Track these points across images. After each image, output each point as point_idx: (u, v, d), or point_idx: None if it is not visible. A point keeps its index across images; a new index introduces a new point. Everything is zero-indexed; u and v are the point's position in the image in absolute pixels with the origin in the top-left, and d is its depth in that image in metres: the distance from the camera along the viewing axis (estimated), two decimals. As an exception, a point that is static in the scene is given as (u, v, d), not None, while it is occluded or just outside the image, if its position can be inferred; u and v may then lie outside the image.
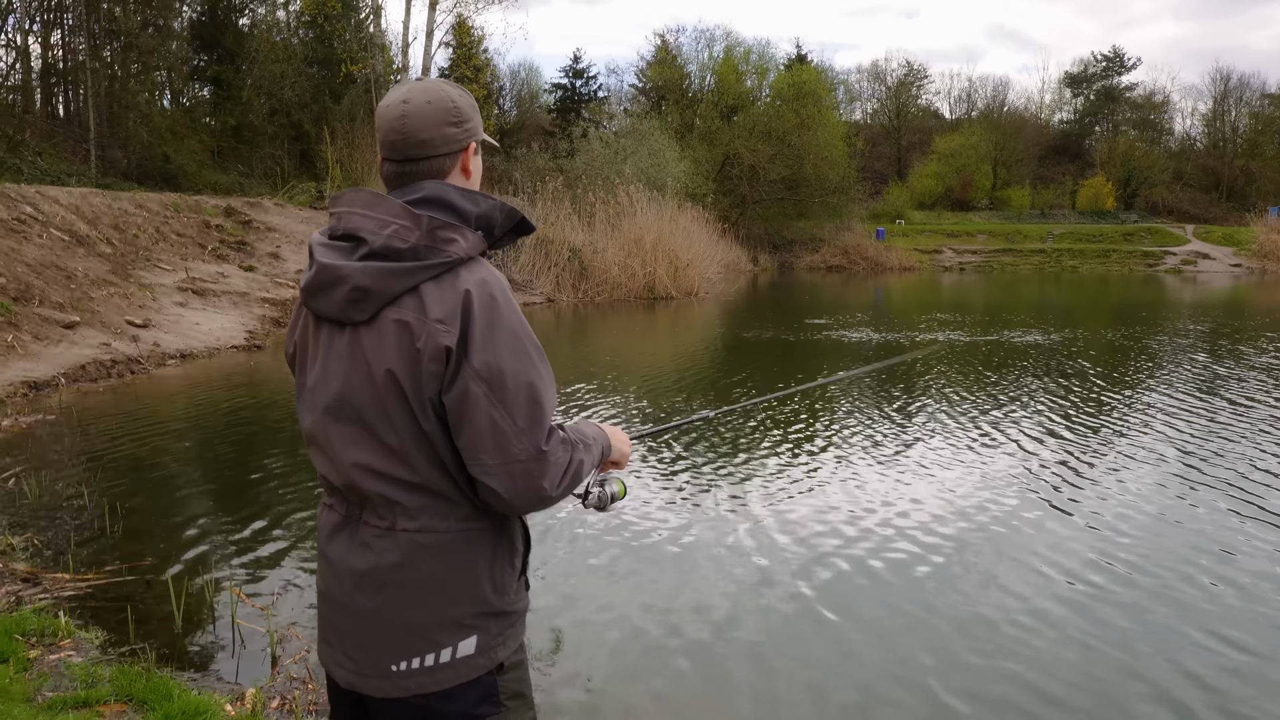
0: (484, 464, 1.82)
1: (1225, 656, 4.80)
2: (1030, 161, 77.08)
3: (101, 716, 4.02)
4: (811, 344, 18.53)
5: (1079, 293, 38.19)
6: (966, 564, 6.14)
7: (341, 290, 1.87)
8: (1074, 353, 16.51)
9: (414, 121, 1.94)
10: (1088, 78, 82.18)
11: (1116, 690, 4.48)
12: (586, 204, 30.36)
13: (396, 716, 1.93)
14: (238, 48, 37.40)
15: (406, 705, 1.91)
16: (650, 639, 5.06)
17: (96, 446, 9.25)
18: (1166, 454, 8.96)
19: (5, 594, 5.40)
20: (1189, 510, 7.25)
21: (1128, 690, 4.48)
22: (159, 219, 22.17)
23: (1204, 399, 11.79)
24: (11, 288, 14.16)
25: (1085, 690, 4.47)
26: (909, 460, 8.84)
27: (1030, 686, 4.50)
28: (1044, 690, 4.46)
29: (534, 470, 1.82)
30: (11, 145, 26.15)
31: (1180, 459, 8.76)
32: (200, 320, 17.07)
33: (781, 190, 56.62)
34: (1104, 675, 4.61)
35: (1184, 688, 4.48)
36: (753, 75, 62.83)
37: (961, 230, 66.79)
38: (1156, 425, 10.25)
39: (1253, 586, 5.69)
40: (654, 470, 8.54)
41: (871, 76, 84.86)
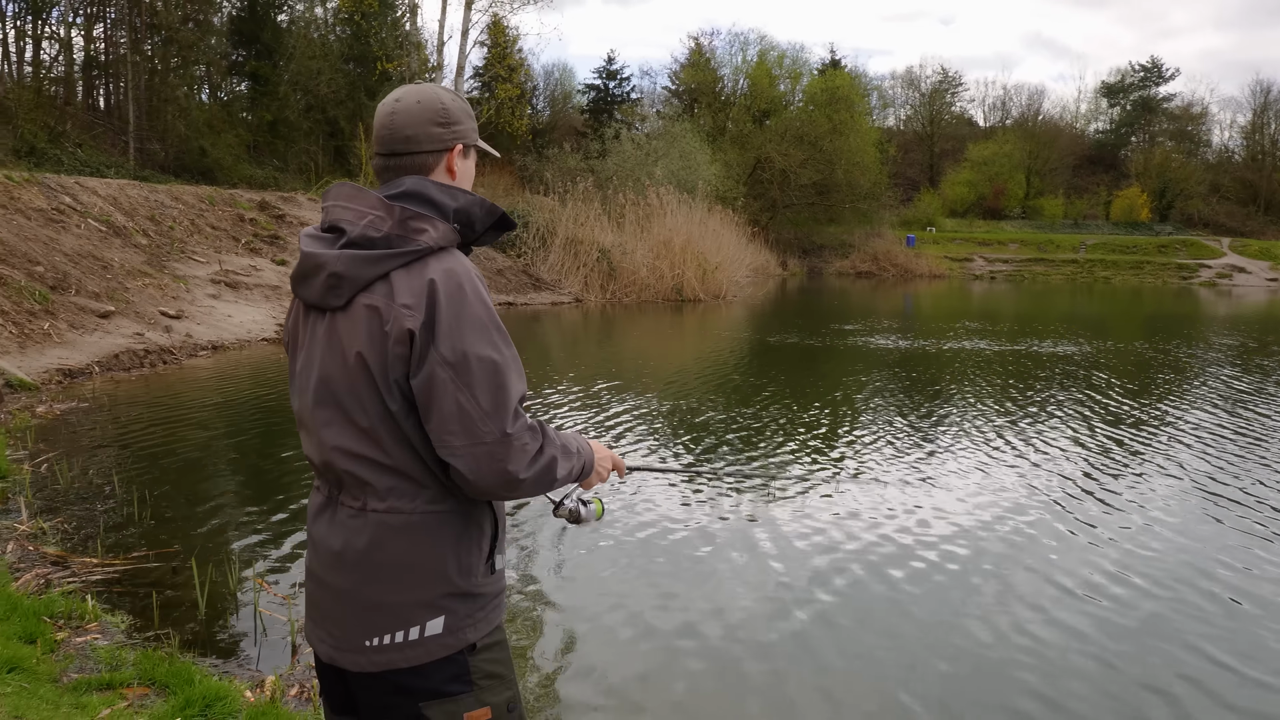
0: (451, 446, 1.88)
1: (1242, 675, 4.78)
2: (1064, 171, 76.52)
3: (124, 699, 4.10)
4: (836, 350, 18.50)
5: (1111, 304, 37.87)
6: (985, 574, 6.14)
7: (320, 277, 1.97)
8: (1103, 365, 16.40)
9: (401, 118, 2.05)
10: (1125, 88, 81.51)
11: (1133, 706, 4.47)
12: (616, 205, 30.45)
13: (372, 690, 2.00)
14: (275, 44, 37.78)
15: (381, 680, 1.97)
16: (664, 640, 5.10)
17: (128, 434, 9.41)
18: (1193, 469, 8.89)
19: (35, 577, 5.51)
20: (1213, 526, 7.21)
21: (1144, 705, 4.47)
22: (194, 211, 22.44)
23: (1233, 415, 11.69)
24: (49, 276, 14.40)
25: (1101, 706, 4.47)
26: (930, 469, 8.83)
27: (1046, 700, 4.51)
28: (1060, 704, 4.47)
29: (498, 453, 1.88)
30: (53, 136, 26.55)
31: (1206, 475, 8.69)
32: (232, 312, 17.27)
33: (812, 195, 56.50)
34: (1120, 691, 4.59)
35: (1204, 706, 4.47)
36: (786, 80, 62.81)
37: (993, 239, 66.42)
38: (1184, 440, 10.18)
39: (1276, 603, 5.67)
40: (674, 474, 8.58)
41: (906, 83, 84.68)
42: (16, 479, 7.39)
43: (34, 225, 16.17)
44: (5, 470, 7.58)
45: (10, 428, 9.14)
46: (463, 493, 1.98)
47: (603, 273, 28.49)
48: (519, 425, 1.91)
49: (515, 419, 1.91)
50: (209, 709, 4.02)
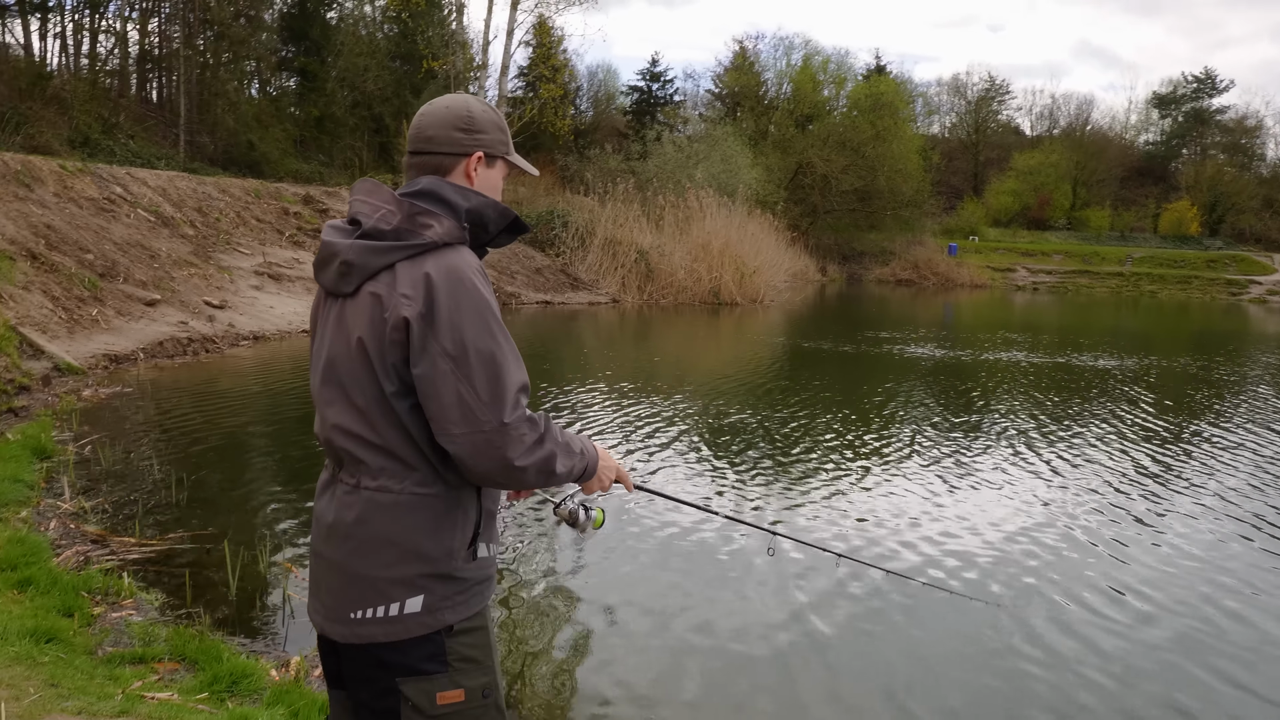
0: (451, 434, 1.98)
1: (1268, 702, 4.78)
2: (1112, 182, 75.43)
3: (155, 673, 4.25)
4: (872, 357, 18.46)
5: (1156, 319, 37.36)
6: (1009, 587, 6.13)
7: (334, 265, 2.11)
8: (1145, 380, 16.23)
9: (427, 120, 2.19)
10: (1177, 99, 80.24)
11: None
12: (656, 207, 30.53)
13: (356, 662, 2.10)
14: (324, 40, 38.20)
15: (364, 652, 2.07)
16: (679, 639, 5.18)
17: (168, 420, 9.64)
18: (1229, 489, 8.73)
19: (75, 553, 5.70)
20: (1244, 547, 7.15)
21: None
22: (240, 204, 22.82)
23: (1275, 435, 11.55)
24: (99, 264, 14.74)
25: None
26: (959, 479, 8.82)
27: (1062, 716, 4.54)
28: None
29: (496, 441, 1.97)
30: (106, 127, 27.04)
31: (1242, 495, 8.53)
32: (274, 304, 17.57)
33: (853, 201, 56.21)
34: (1136, 711, 4.62)
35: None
36: (830, 85, 62.53)
37: (1037, 249, 65.68)
38: (1222, 460, 9.98)
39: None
40: (705, 475, 8.66)
41: (952, 90, 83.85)
42: (61, 459, 7.63)
43: (85, 214, 16.55)
44: (51, 451, 7.82)
45: (57, 410, 9.40)
46: (454, 479, 2.07)
47: (640, 274, 28.60)
48: (517, 415, 2.00)
49: (514, 409, 2.00)
50: (235, 685, 4.16)
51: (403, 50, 40.49)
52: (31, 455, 7.53)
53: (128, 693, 3.92)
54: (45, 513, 6.39)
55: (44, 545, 5.61)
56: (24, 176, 16.08)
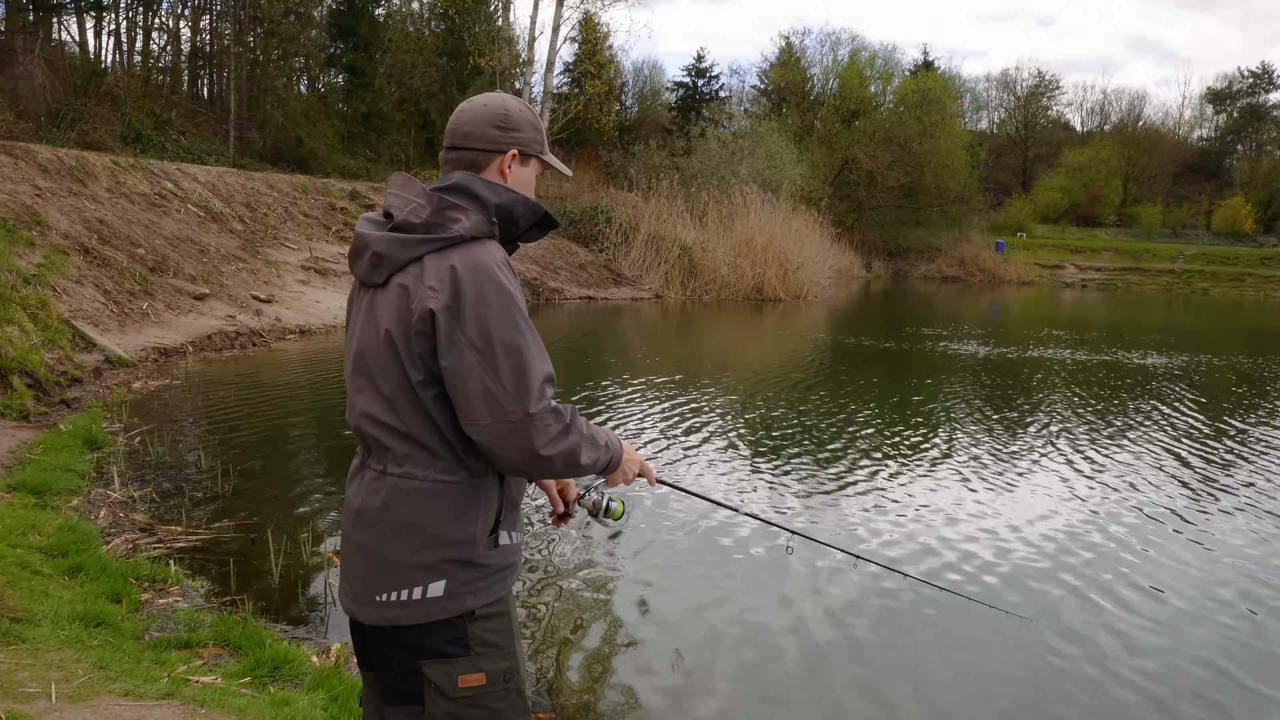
0: (478, 424, 2.02)
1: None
2: (1164, 179, 74.17)
3: (200, 657, 4.35)
4: (915, 355, 18.32)
5: (1208, 317, 36.70)
6: (1050, 587, 6.09)
7: (366, 256, 2.17)
8: (1194, 380, 15.95)
9: (464, 116, 2.25)
10: (1232, 94, 78.65)
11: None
12: (700, 203, 30.50)
13: (381, 644, 2.16)
14: (372, 37, 38.56)
15: (388, 634, 2.13)
16: (711, 631, 5.20)
17: (216, 412, 9.81)
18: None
19: (124, 541, 5.83)
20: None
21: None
22: (288, 199, 23.12)
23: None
24: (150, 259, 15.01)
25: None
26: (1000, 479, 8.74)
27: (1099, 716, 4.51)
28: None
29: (521, 431, 2.01)
30: (158, 124, 27.51)
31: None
32: (320, 298, 17.79)
33: (899, 197, 55.79)
34: (1180, 710, 4.58)
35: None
36: (877, 80, 62.03)
37: (1086, 246, 64.74)
38: (1274, 462, 9.89)
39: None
40: (736, 471, 8.66)
41: (1000, 85, 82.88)
42: (111, 450, 7.79)
43: (137, 209, 16.87)
44: (101, 441, 8.00)
45: (107, 402, 9.60)
46: (478, 467, 2.12)
47: (684, 270, 28.60)
48: (542, 406, 2.03)
49: (539, 399, 2.03)
50: (277, 670, 4.24)
51: (449, 46, 40.74)
52: (83, 446, 7.70)
53: (173, 676, 4.01)
54: (95, 502, 6.54)
55: (94, 533, 5.75)
56: (78, 172, 16.42)
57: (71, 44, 30.74)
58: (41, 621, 4.29)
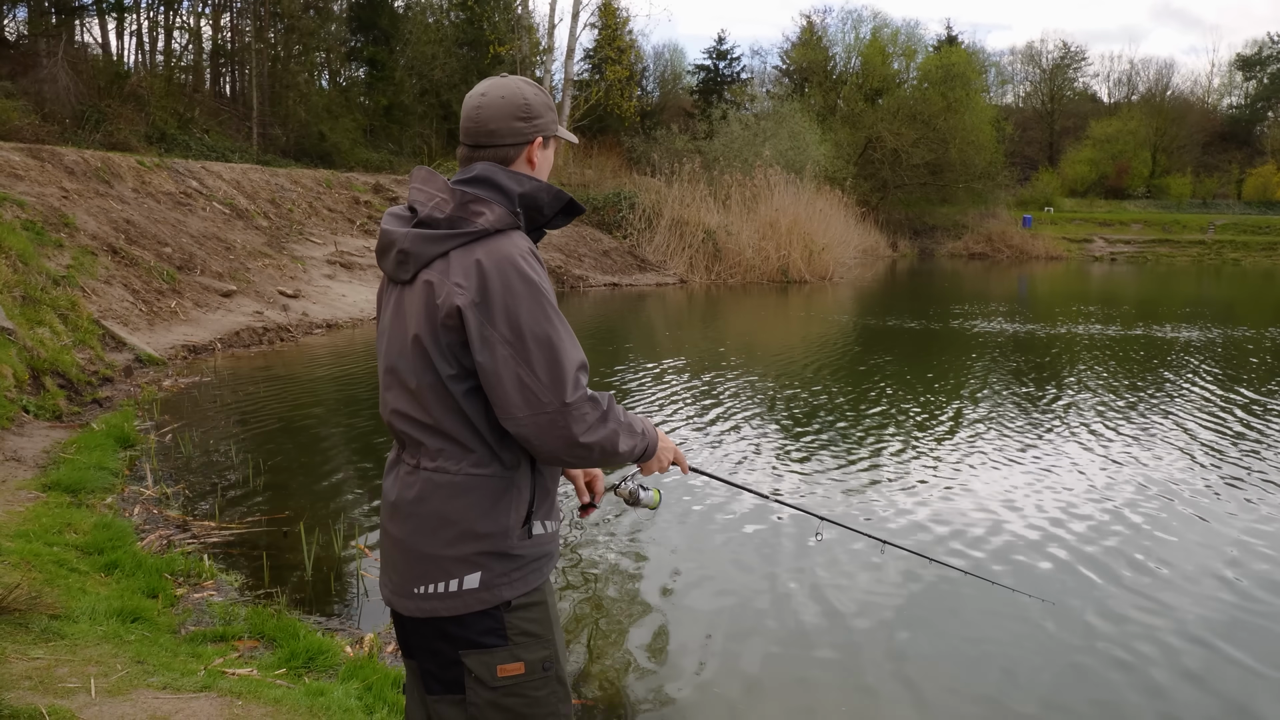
0: (515, 418, 2.03)
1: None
2: (1193, 148, 73.18)
3: (236, 650, 4.40)
4: (943, 334, 18.20)
5: (1240, 287, 36.23)
6: (1085, 571, 6.04)
7: (392, 253, 2.17)
8: (1227, 354, 15.77)
9: (486, 112, 2.20)
10: (1262, 60, 77.38)
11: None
12: (723, 186, 30.38)
13: (421, 634, 2.18)
14: (393, 29, 38.64)
15: (427, 625, 2.15)
16: (744, 619, 5.20)
17: (245, 407, 9.89)
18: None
19: (158, 537, 5.90)
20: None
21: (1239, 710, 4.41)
22: (312, 194, 23.24)
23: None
24: (177, 257, 15.14)
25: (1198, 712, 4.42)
26: (1032, 461, 8.66)
27: (1135, 704, 4.47)
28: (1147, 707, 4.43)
29: (559, 421, 2.02)
30: (182, 123, 27.74)
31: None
32: (346, 292, 17.89)
33: (924, 175, 55.35)
34: (1224, 695, 4.53)
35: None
36: (900, 57, 61.57)
37: (1114, 219, 64.08)
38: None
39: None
40: (765, 456, 8.64)
41: (1025, 58, 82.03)
42: (143, 448, 7.88)
43: (163, 208, 17.01)
44: (134, 439, 8.08)
45: (138, 400, 9.70)
46: (510, 459, 2.12)
47: (708, 254, 28.53)
48: (578, 395, 2.04)
49: (575, 389, 2.03)
50: (312, 661, 4.28)
51: (469, 37, 40.76)
52: (115, 444, 7.78)
53: (209, 669, 4.05)
54: (129, 499, 6.61)
55: (129, 530, 5.82)
56: (104, 173, 16.57)
57: (94, 46, 31.07)
58: (79, 618, 4.34)
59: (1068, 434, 9.45)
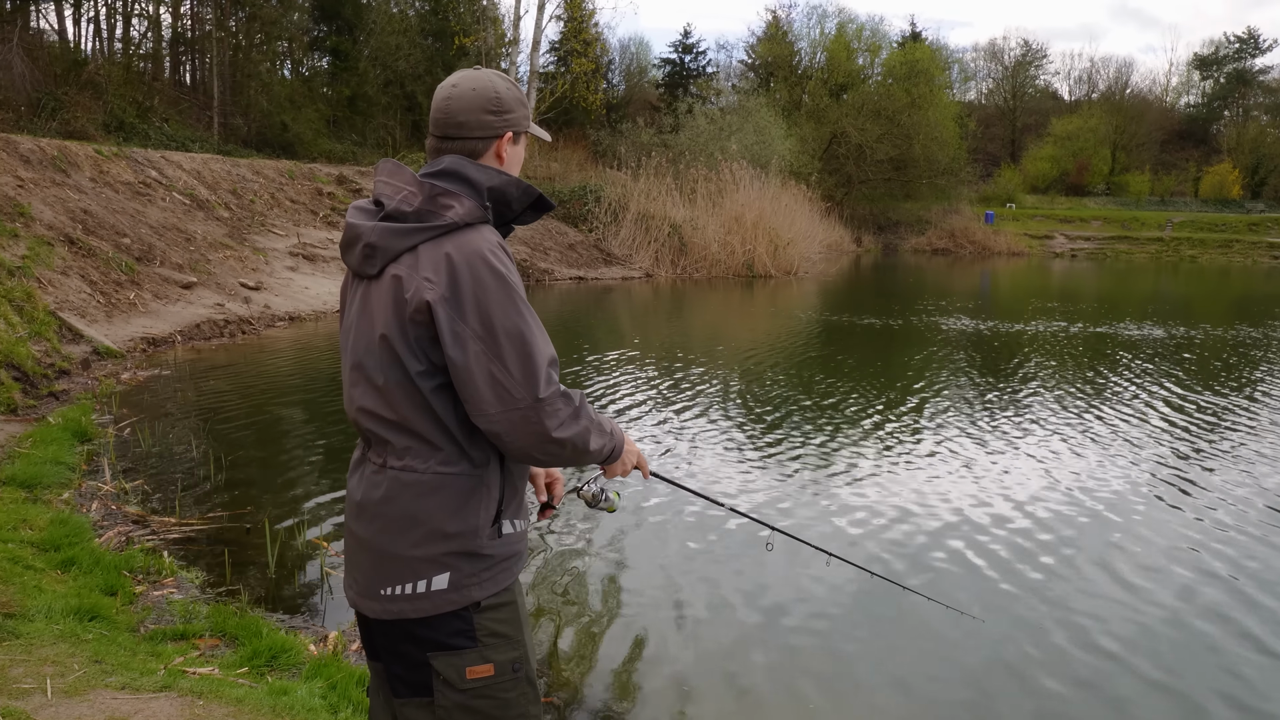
0: (487, 414, 1.99)
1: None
2: (1152, 146, 74.24)
3: (196, 649, 4.33)
4: (906, 330, 18.29)
5: (1198, 284, 36.77)
6: (1045, 568, 6.09)
7: (358, 247, 2.12)
8: (1186, 350, 15.97)
9: (456, 104, 2.17)
10: (1218, 60, 78.59)
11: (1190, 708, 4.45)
12: (689, 180, 30.39)
13: (388, 637, 2.14)
14: (356, 19, 38.22)
15: (394, 627, 2.11)
16: (719, 622, 5.18)
17: (206, 401, 9.76)
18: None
19: (117, 534, 5.80)
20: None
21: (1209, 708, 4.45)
22: (274, 185, 22.98)
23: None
24: (136, 248, 14.91)
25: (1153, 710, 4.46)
26: (994, 457, 8.71)
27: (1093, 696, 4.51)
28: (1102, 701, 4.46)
29: (532, 416, 1.99)
30: (141, 111, 27.26)
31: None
32: (309, 284, 17.70)
33: (888, 170, 55.71)
34: (1179, 692, 4.58)
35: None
36: (864, 53, 61.92)
37: (1075, 216, 64.84)
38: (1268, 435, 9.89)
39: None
40: (726, 461, 8.64)
41: (988, 55, 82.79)
42: (101, 442, 7.75)
43: (121, 198, 16.74)
44: (91, 433, 7.95)
45: (96, 393, 9.54)
46: (479, 456, 2.09)
47: (674, 248, 28.54)
48: (551, 391, 2.01)
49: (548, 384, 2.01)
50: (275, 660, 4.23)
51: (434, 27, 40.45)
52: (72, 438, 7.65)
53: (170, 668, 3.99)
54: (87, 494, 6.50)
55: (86, 526, 5.71)
56: (60, 162, 16.28)
57: (50, 32, 30.44)
58: (35, 617, 4.26)
59: (1025, 439, 9.35)
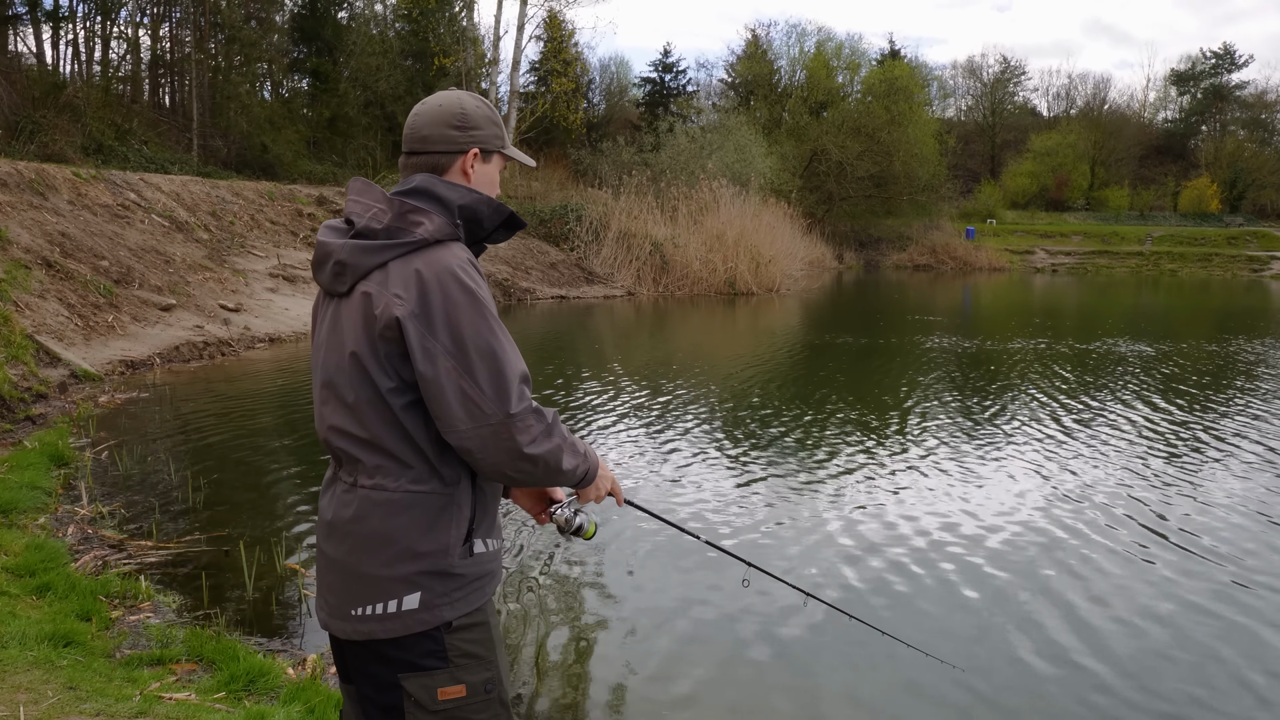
0: (458, 430, 1.99)
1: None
2: (1130, 161, 74.94)
3: (173, 674, 4.28)
4: (888, 347, 18.34)
5: (1178, 297, 37.04)
6: (1022, 586, 6.10)
7: (329, 265, 2.13)
8: (1167, 366, 16.06)
9: (421, 119, 2.20)
10: (1195, 75, 79.47)
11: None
12: (670, 198, 30.47)
13: (359, 658, 2.12)
14: (336, 40, 38.28)
15: (365, 648, 2.09)
16: (692, 640, 5.16)
17: (185, 423, 9.69)
18: (1257, 482, 8.67)
19: (93, 558, 5.74)
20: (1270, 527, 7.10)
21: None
22: (254, 207, 22.92)
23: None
24: (114, 270, 14.82)
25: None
26: (975, 475, 8.72)
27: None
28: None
29: (503, 433, 1.98)
30: (120, 134, 27.17)
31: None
32: (289, 305, 17.64)
33: (869, 187, 55.99)
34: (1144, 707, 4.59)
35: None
36: (844, 70, 62.31)
37: (1055, 231, 65.33)
38: (1249, 450, 9.92)
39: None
40: (704, 489, 8.63)
41: (967, 72, 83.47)
42: (79, 466, 7.68)
43: (100, 221, 16.65)
44: (68, 458, 7.88)
45: (74, 417, 9.46)
46: (450, 474, 2.08)
47: (655, 266, 28.57)
48: (523, 407, 2.00)
49: (519, 400, 2.00)
50: (252, 684, 4.18)
51: (414, 48, 40.53)
52: (49, 462, 7.58)
53: (145, 694, 3.94)
54: (63, 519, 6.43)
55: (62, 551, 5.65)
56: (38, 185, 16.19)
57: (29, 56, 30.37)
58: (9, 643, 4.21)
59: (1009, 468, 8.92)
